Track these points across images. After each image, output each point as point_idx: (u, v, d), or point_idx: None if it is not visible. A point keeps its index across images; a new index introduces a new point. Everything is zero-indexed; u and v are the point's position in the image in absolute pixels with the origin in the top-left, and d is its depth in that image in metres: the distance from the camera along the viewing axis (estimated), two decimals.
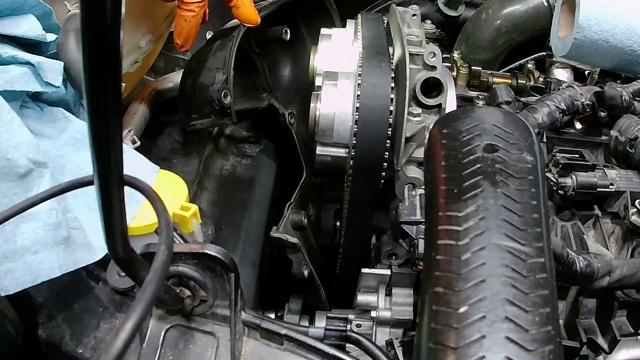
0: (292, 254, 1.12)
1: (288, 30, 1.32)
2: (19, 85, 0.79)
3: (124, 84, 0.90)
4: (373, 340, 0.82)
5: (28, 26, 0.82)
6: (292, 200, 1.19)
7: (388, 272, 0.98)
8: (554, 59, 1.36)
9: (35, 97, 0.86)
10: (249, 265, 1.29)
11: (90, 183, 0.42)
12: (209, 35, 1.35)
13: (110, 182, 0.42)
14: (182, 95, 1.21)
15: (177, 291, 0.65)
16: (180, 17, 1.02)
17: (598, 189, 0.91)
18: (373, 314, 0.96)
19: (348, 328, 0.95)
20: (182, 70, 1.39)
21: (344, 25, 1.19)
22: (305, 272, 1.12)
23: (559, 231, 0.95)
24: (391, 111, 0.89)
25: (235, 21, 1.20)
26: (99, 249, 0.71)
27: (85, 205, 0.74)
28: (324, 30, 1.16)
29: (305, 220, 1.18)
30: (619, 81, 1.16)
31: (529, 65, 1.39)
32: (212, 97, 1.10)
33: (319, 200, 1.37)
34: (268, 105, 1.37)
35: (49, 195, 0.57)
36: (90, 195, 0.57)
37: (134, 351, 0.67)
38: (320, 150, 0.96)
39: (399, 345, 0.88)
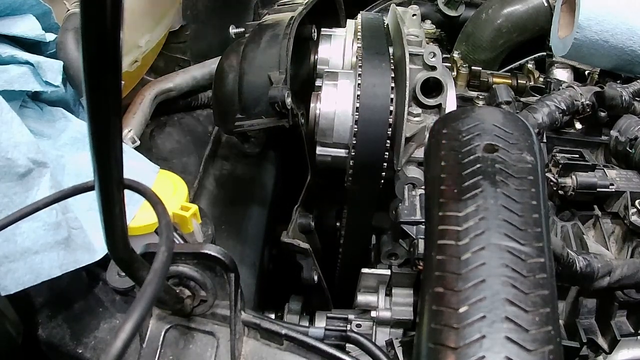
0: (303, 259, 1.11)
1: (315, 29, 1.25)
2: (18, 85, 0.79)
3: (122, 82, 0.89)
4: (373, 340, 0.82)
5: (27, 26, 0.82)
6: (299, 203, 1.18)
7: (388, 272, 0.98)
8: (554, 59, 1.36)
9: (35, 96, 0.86)
10: (249, 266, 1.29)
11: (92, 188, 0.42)
12: (232, 29, 1.32)
13: (110, 183, 0.42)
14: (222, 94, 1.11)
15: (177, 291, 0.65)
16: None
17: (598, 189, 0.91)
18: (373, 314, 0.96)
19: (348, 328, 0.95)
20: (182, 69, 1.39)
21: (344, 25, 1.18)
22: (315, 277, 1.11)
23: (559, 231, 0.95)
24: (391, 111, 0.89)
25: (274, 16, 1.16)
26: (100, 249, 0.71)
27: (86, 205, 0.74)
28: (324, 30, 1.16)
29: (313, 224, 1.17)
30: (619, 81, 1.16)
31: (529, 65, 1.39)
32: (275, 97, 0.99)
33: (322, 201, 1.36)
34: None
35: (53, 200, 0.57)
36: (90, 195, 0.58)
37: (134, 351, 0.67)
38: (320, 150, 0.96)
39: (399, 345, 0.88)
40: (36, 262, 0.66)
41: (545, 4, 1.45)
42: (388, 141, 0.89)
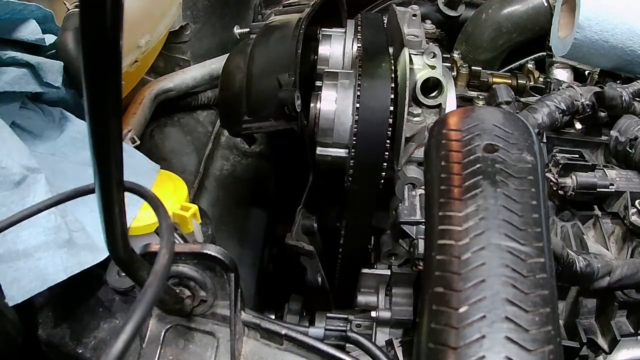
0: (307, 261, 1.10)
1: (320, 30, 1.24)
2: (18, 87, 0.79)
3: (122, 82, 0.89)
4: (373, 340, 0.82)
5: (28, 30, 0.82)
6: (301, 205, 1.18)
7: (388, 272, 0.98)
8: (554, 59, 1.36)
9: (35, 97, 0.86)
10: (249, 266, 1.29)
11: (93, 191, 0.42)
12: (237, 29, 1.31)
13: (110, 184, 0.42)
14: (229, 95, 1.10)
15: (177, 291, 0.65)
16: None
17: (598, 189, 0.91)
18: (373, 314, 0.96)
19: (348, 328, 0.95)
20: (182, 69, 1.39)
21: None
22: (319, 279, 1.11)
23: (559, 231, 0.95)
24: (391, 111, 0.89)
25: (281, 17, 1.15)
26: (103, 249, 0.71)
27: (87, 207, 0.74)
28: (324, 30, 1.16)
29: (316, 225, 1.16)
30: (619, 81, 1.16)
31: (529, 65, 1.39)
32: (285, 100, 0.98)
33: (322, 201, 1.36)
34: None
35: (55, 202, 0.57)
36: (90, 197, 0.57)
37: (134, 351, 0.67)
38: (320, 150, 0.96)
39: (399, 345, 0.88)
40: (40, 268, 0.65)
41: (545, 4, 1.45)
42: (388, 141, 0.89)
